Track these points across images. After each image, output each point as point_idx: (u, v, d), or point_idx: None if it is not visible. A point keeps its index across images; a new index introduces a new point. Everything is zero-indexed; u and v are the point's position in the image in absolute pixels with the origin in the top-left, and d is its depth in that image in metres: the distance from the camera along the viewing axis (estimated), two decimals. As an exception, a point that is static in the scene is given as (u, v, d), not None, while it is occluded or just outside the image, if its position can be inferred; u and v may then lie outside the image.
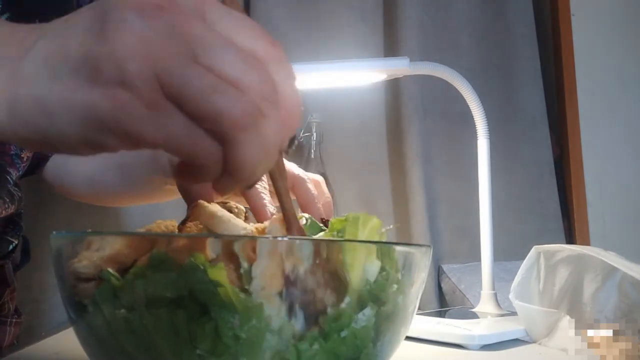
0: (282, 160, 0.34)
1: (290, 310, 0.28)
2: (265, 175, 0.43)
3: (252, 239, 0.30)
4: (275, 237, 0.30)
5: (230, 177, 0.27)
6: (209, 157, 0.26)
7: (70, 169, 0.73)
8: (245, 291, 0.27)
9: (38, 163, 0.73)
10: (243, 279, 0.27)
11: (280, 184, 0.34)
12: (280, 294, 0.28)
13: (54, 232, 0.32)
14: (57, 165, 0.74)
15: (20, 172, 0.66)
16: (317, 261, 0.29)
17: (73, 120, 0.26)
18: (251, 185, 0.29)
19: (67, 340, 0.58)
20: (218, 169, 0.26)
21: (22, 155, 0.64)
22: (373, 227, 0.34)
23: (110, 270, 0.28)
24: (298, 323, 0.28)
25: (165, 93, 0.25)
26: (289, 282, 0.28)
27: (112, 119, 0.25)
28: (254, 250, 0.27)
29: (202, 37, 0.26)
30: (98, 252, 0.29)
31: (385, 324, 0.31)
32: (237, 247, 0.27)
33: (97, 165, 0.70)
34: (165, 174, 0.58)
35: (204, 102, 0.25)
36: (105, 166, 0.69)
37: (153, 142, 0.25)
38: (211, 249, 0.27)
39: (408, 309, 0.34)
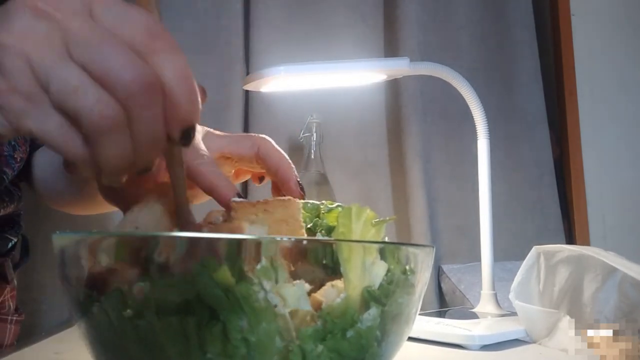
0: (178, 149, 0.32)
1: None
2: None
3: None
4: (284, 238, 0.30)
5: (103, 171, 0.28)
6: (79, 155, 0.27)
7: (34, 174, 0.72)
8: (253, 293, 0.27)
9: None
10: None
11: (174, 174, 0.33)
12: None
13: (57, 232, 0.32)
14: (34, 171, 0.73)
15: (15, 172, 0.66)
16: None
17: None
18: (144, 171, 0.30)
19: (67, 340, 0.58)
20: (88, 165, 0.28)
21: (16, 156, 0.65)
22: (367, 218, 0.34)
23: None
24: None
25: (43, 89, 0.26)
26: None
27: None
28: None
29: (79, 33, 0.26)
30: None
31: (389, 324, 0.31)
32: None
33: (49, 169, 0.70)
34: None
35: (66, 100, 0.26)
36: (54, 170, 0.69)
37: (29, 133, 0.27)
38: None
39: (412, 309, 0.34)
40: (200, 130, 0.43)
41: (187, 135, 0.30)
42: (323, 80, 0.78)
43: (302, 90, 0.80)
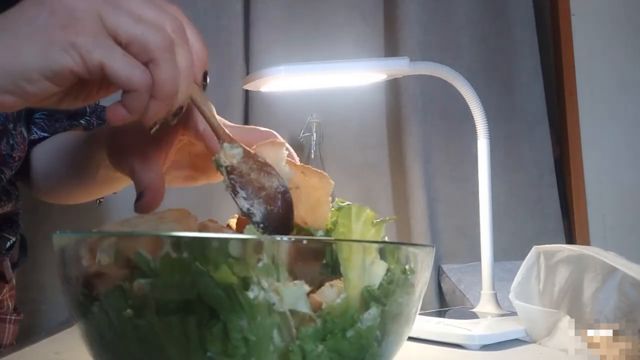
0: (200, 91, 0.40)
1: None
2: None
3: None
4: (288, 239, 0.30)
5: (156, 100, 0.35)
6: (141, 79, 0.34)
7: (33, 168, 0.72)
8: (253, 291, 0.27)
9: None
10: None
11: (204, 109, 0.40)
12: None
13: (57, 232, 0.32)
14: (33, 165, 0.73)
15: (13, 172, 0.66)
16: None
17: (35, 52, 0.34)
18: (176, 114, 0.38)
19: (67, 340, 0.58)
20: (146, 94, 0.35)
21: (14, 155, 0.65)
22: (367, 218, 0.34)
23: (142, 251, 0.28)
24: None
25: (108, 33, 0.35)
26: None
27: (70, 45, 0.33)
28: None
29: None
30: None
31: (389, 324, 0.31)
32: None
33: (49, 159, 0.70)
34: (100, 155, 0.58)
35: (133, 29, 0.34)
36: (53, 156, 0.70)
37: (99, 64, 0.34)
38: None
39: (412, 309, 0.34)
40: (220, 120, 0.47)
41: (205, 77, 0.40)
42: (323, 80, 0.78)
43: (302, 90, 0.80)
